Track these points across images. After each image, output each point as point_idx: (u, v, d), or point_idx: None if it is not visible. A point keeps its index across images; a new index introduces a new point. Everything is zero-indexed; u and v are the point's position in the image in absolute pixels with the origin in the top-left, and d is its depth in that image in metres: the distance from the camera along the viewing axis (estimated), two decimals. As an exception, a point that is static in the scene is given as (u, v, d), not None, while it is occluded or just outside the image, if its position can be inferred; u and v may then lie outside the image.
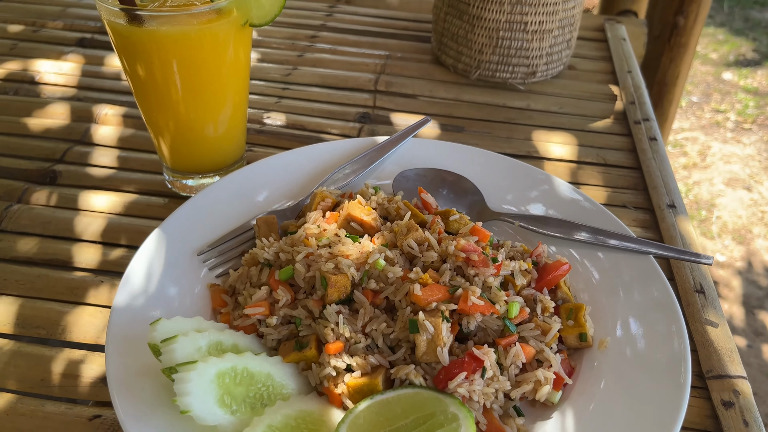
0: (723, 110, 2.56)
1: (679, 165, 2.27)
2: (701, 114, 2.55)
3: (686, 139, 2.40)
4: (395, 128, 0.71)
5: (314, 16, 0.94)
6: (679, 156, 2.32)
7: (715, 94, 2.67)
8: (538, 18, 0.73)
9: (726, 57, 2.94)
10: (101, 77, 0.77)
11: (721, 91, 2.69)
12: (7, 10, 0.91)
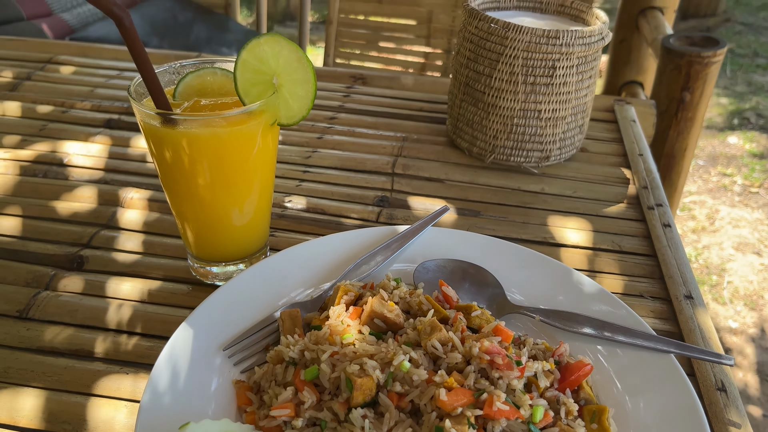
0: (729, 174, 2.59)
1: (687, 229, 2.28)
2: (708, 177, 2.57)
3: (694, 202, 2.42)
4: (413, 212, 0.72)
5: (333, 96, 0.97)
6: (688, 220, 2.32)
7: (721, 158, 2.70)
8: (551, 106, 0.76)
9: (730, 120, 2.98)
10: (127, 159, 0.80)
11: (726, 155, 2.72)
12: (37, 90, 0.94)
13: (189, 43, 1.62)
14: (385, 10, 1.87)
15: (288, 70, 0.53)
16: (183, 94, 0.57)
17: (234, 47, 1.68)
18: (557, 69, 0.73)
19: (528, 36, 0.71)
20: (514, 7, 0.85)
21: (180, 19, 1.67)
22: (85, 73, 1.00)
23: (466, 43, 0.78)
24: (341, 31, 1.90)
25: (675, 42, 1.26)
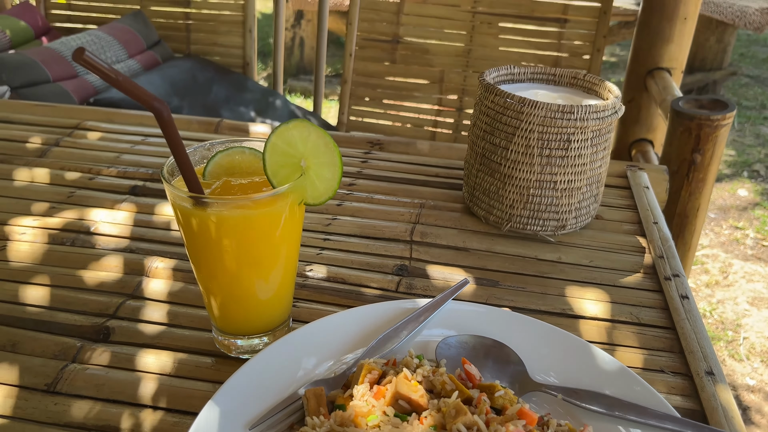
0: (741, 227, 2.58)
1: (701, 283, 2.27)
2: (720, 230, 2.57)
3: (706, 256, 2.41)
4: (432, 282, 0.73)
5: (351, 162, 1.00)
6: (701, 274, 2.31)
7: (732, 210, 2.70)
8: (566, 177, 0.78)
9: (740, 173, 3.00)
10: (152, 227, 0.82)
11: (737, 207, 2.72)
12: (65, 157, 0.98)
13: (208, 102, 1.67)
14: (398, 70, 1.92)
15: (315, 153, 0.55)
16: (212, 173, 0.59)
17: (251, 107, 1.73)
18: (572, 142, 0.75)
19: (543, 111, 0.74)
20: (528, 79, 0.88)
21: (200, 79, 1.72)
22: (111, 139, 1.04)
23: (482, 116, 0.80)
24: (355, 90, 1.95)
25: (684, 105, 1.29)
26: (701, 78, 3.65)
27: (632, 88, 1.71)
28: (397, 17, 1.89)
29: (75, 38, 1.65)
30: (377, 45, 1.92)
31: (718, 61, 3.65)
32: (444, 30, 1.87)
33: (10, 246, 0.77)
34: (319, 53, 1.95)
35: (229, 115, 1.65)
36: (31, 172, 0.93)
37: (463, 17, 1.86)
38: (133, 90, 0.43)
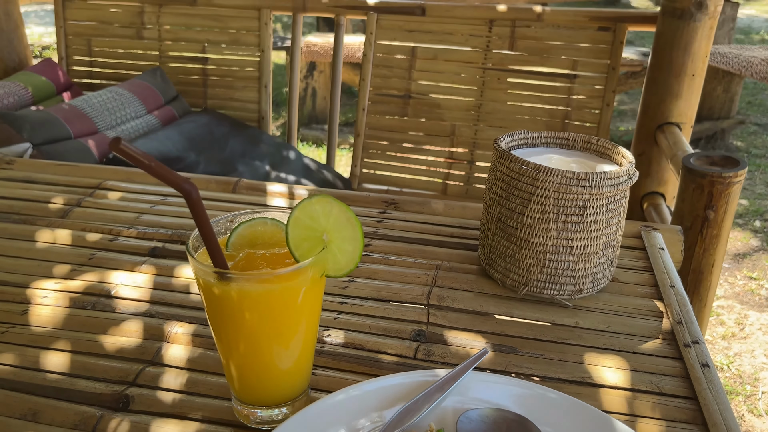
0: (756, 277, 2.56)
1: (717, 335, 2.24)
2: (734, 281, 2.55)
3: (722, 307, 2.38)
4: (450, 348, 0.73)
5: (367, 222, 1.01)
6: (717, 325, 2.28)
7: (745, 260, 2.68)
8: (583, 242, 0.78)
9: (751, 222, 2.99)
10: (172, 290, 0.83)
11: (751, 257, 2.71)
12: (86, 217, 0.99)
13: (224, 157, 1.70)
14: (410, 124, 1.96)
15: (337, 227, 0.56)
16: (235, 244, 0.61)
17: (266, 160, 1.76)
18: (587, 208, 0.76)
19: (558, 178, 0.75)
20: (542, 143, 0.89)
21: (216, 134, 1.75)
22: (131, 199, 1.06)
23: (497, 181, 0.82)
24: (367, 143, 1.98)
25: (695, 162, 1.30)
26: (709, 126, 3.68)
27: (642, 142, 1.73)
28: (409, 73, 1.93)
29: (96, 95, 1.70)
30: (389, 100, 1.96)
31: (725, 110, 3.68)
32: (455, 85, 1.91)
33: (32, 310, 0.78)
34: (332, 112, 1.99)
35: (245, 169, 1.68)
36: (53, 234, 0.94)
37: (474, 73, 1.90)
38: (165, 174, 0.45)
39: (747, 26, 6.76)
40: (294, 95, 2.00)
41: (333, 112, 2.01)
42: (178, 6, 1.99)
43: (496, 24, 1.86)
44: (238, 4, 1.96)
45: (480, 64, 1.89)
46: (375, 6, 1.91)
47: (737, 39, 5.95)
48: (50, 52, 5.33)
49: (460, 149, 1.94)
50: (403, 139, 1.98)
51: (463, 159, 1.95)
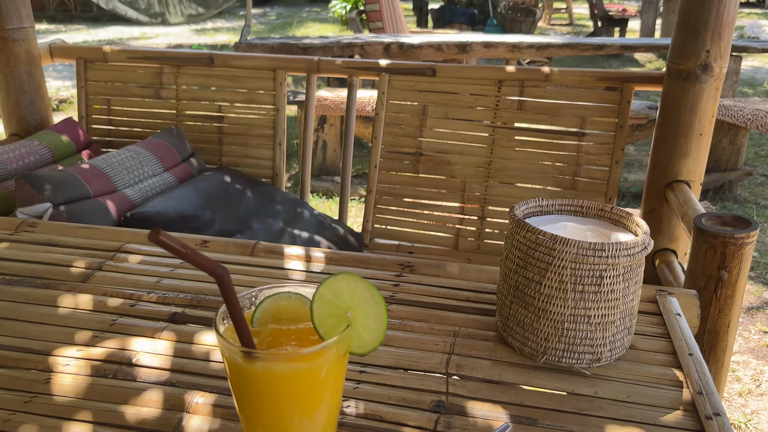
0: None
1: (733, 392, 2.20)
2: (748, 335, 2.52)
3: (737, 363, 2.35)
4: (470, 420, 0.73)
5: (384, 287, 1.02)
6: (733, 382, 2.25)
7: (759, 314, 2.66)
8: (600, 312, 0.79)
9: (764, 275, 2.97)
10: (192, 357, 0.83)
11: (765, 311, 2.68)
12: (108, 281, 1.01)
13: (239, 214, 1.72)
14: (421, 180, 1.98)
15: (362, 305, 0.58)
16: (260, 320, 0.62)
17: (280, 218, 1.78)
18: (604, 278, 0.77)
19: (575, 248, 0.76)
20: (557, 211, 0.91)
21: (231, 191, 1.79)
22: (151, 262, 1.07)
23: (514, 250, 0.83)
24: (379, 199, 2.00)
25: (707, 222, 1.31)
26: (717, 178, 3.70)
27: (652, 199, 1.74)
28: (420, 131, 1.97)
29: (115, 154, 1.74)
30: (401, 157, 1.99)
31: (732, 161, 3.71)
32: (465, 143, 1.95)
33: (55, 378, 0.79)
34: (344, 170, 2.03)
35: (260, 226, 1.70)
36: (75, 299, 0.96)
37: (484, 130, 1.94)
38: (200, 260, 0.46)
39: (750, 77, 6.86)
40: (307, 153, 2.05)
41: (345, 170, 2.05)
42: (196, 67, 2.05)
43: (504, 84, 1.90)
44: (254, 65, 2.02)
45: (490, 123, 1.93)
46: (387, 67, 1.96)
47: (741, 91, 6.03)
48: (67, 106, 5.46)
49: (471, 205, 1.96)
50: (414, 194, 2.00)
51: (473, 215, 1.96)
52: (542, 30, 10.33)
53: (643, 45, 4.47)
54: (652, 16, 8.12)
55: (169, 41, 9.75)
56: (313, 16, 12.62)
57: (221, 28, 11.27)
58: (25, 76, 1.99)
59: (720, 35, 1.56)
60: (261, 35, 10.25)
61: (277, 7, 14.43)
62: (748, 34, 9.14)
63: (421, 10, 8.39)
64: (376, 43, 4.58)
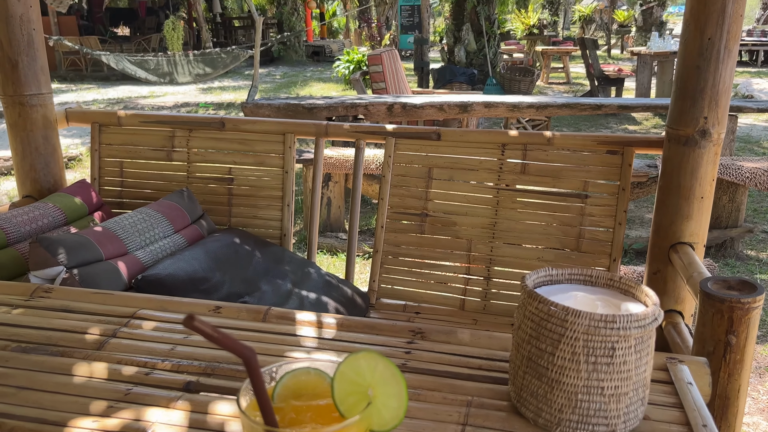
0: (781, 393, 2.50)
1: (747, 456, 2.16)
2: (758, 396, 2.49)
3: (747, 425, 2.32)
4: (486, 495, 0.73)
5: (395, 354, 1.03)
6: (746, 445, 2.21)
7: (766, 374, 2.63)
8: (613, 383, 0.80)
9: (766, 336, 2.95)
10: (207, 428, 0.84)
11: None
12: (122, 349, 1.02)
13: (248, 275, 1.74)
14: (427, 240, 2.01)
15: (382, 383, 0.59)
16: (281, 395, 0.63)
17: (288, 278, 1.80)
18: (617, 350, 0.78)
19: (587, 320, 0.78)
20: (566, 280, 0.93)
21: (241, 252, 1.81)
22: (164, 329, 1.09)
23: (527, 321, 0.84)
24: (385, 259, 2.02)
25: (713, 286, 1.33)
26: (718, 235, 3.73)
27: (656, 261, 1.76)
28: (426, 193, 2.01)
29: (127, 217, 1.77)
30: (407, 217, 2.02)
31: (733, 218, 3.74)
32: (470, 204, 1.98)
33: (71, 451, 0.79)
34: (351, 232, 2.05)
35: (268, 287, 1.71)
36: (90, 367, 0.97)
37: (488, 192, 1.98)
38: (229, 343, 0.48)
39: (746, 134, 6.99)
40: (315, 215, 2.08)
41: (352, 231, 2.07)
42: (207, 131, 2.11)
43: (508, 148, 1.95)
44: (264, 129, 2.08)
45: (494, 185, 1.97)
46: (393, 131, 2.02)
47: (738, 147, 6.13)
48: (76, 163, 5.56)
49: (477, 265, 1.98)
50: (420, 255, 2.02)
51: (479, 275, 1.98)
52: (540, 88, 10.57)
53: (640, 105, 4.58)
54: (647, 75, 8.33)
55: (177, 99, 9.98)
56: (317, 75, 12.96)
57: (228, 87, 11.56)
58: (41, 140, 2.05)
59: (717, 102, 1.61)
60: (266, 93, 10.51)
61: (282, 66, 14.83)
62: (742, 92, 9.36)
63: (423, 70, 8.62)
64: (379, 103, 4.69)
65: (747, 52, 14.52)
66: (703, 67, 1.58)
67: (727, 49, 1.56)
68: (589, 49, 8.43)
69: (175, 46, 11.81)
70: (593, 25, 19.38)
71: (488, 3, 9.31)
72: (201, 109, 9.06)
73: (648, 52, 8.19)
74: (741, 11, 1.56)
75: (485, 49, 9.38)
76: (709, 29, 1.56)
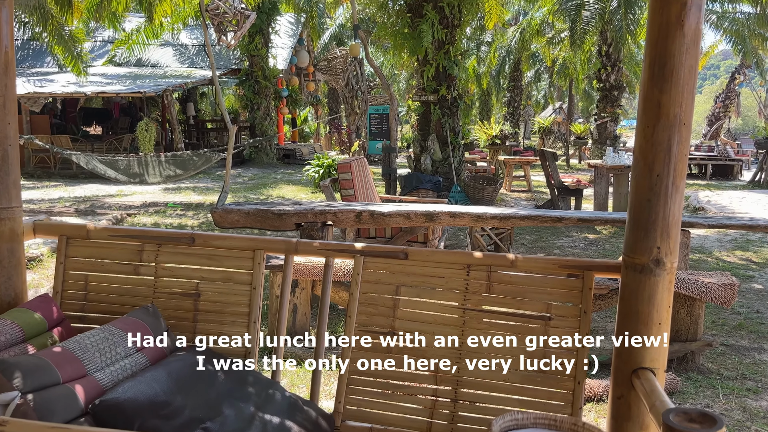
0: None
1: None
2: None
3: None
4: None
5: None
6: None
7: (736, 497, 2.60)
8: None
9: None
10: None
11: (742, 494, 2.63)
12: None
13: (210, 398, 1.70)
14: (394, 360, 2.00)
15: None
16: None
17: (252, 401, 1.76)
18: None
19: (552, 471, 0.79)
20: (532, 424, 0.94)
21: (203, 373, 1.77)
22: (123, 469, 1.05)
23: (493, 468, 0.85)
24: (351, 380, 2.00)
25: (674, 418, 1.35)
26: (679, 348, 3.79)
27: (620, 386, 1.78)
28: (393, 311, 2.03)
29: (88, 336, 1.74)
30: (374, 336, 2.03)
31: (692, 331, 3.82)
32: (437, 324, 2.00)
33: None
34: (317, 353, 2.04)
35: (230, 411, 1.67)
36: None
37: (455, 312, 2.01)
38: None
39: (700, 245, 7.27)
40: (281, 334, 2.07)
41: (319, 351, 2.06)
42: (177, 245, 2.13)
43: (473, 268, 2.01)
44: (234, 245, 2.11)
45: (460, 305, 2.00)
46: (362, 250, 2.06)
47: (693, 259, 6.36)
48: (35, 264, 5.43)
49: (444, 387, 1.97)
50: (387, 375, 2.01)
51: (446, 397, 1.97)
52: (503, 195, 10.94)
53: (598, 219, 4.77)
54: (604, 186, 8.73)
55: (145, 199, 9.99)
56: (287, 177, 13.20)
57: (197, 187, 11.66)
58: (5, 252, 2.03)
59: (668, 234, 1.71)
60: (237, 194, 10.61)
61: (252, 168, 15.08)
62: (694, 204, 9.84)
63: (390, 177, 8.87)
64: (348, 210, 4.79)
65: (696, 166, 15.40)
66: (654, 201, 1.69)
67: (675, 185, 1.68)
68: (549, 160, 8.84)
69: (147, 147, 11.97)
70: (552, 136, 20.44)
71: (452, 115, 9.80)
72: (169, 209, 9.07)
73: (604, 165, 8.62)
74: (685, 151, 1.69)
75: (450, 158, 9.76)
76: (657, 166, 1.68)
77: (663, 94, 1.65)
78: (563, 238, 7.57)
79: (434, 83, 9.59)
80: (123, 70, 15.85)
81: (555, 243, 7.30)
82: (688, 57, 1.62)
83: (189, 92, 18.34)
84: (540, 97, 31.46)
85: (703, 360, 3.91)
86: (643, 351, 1.73)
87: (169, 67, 16.55)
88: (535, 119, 23.43)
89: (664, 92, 1.65)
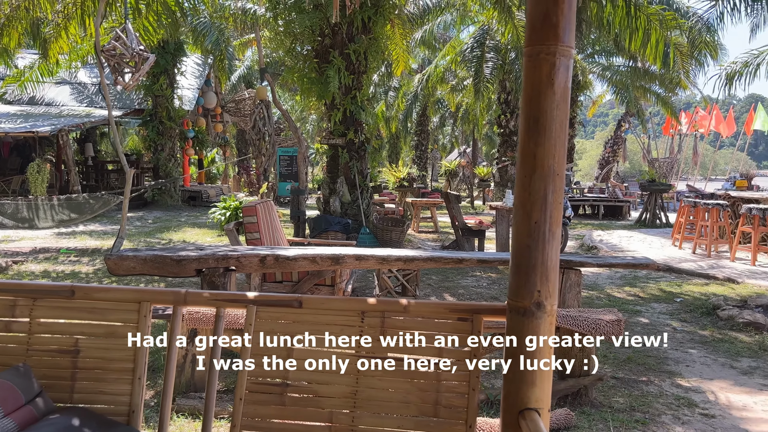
0: None
1: None
2: None
3: None
4: None
5: None
6: None
7: None
8: None
9: (625, 484, 3.06)
10: None
11: None
12: None
13: (85, 465, 1.58)
14: (288, 412, 1.96)
15: None
16: None
17: (132, 465, 1.65)
18: None
19: None
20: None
21: (79, 437, 1.66)
22: None
23: None
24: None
25: (553, 458, 1.40)
26: (573, 384, 3.95)
27: (508, 427, 1.83)
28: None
29: (-54, 402, 1.58)
30: (267, 388, 1.98)
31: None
32: (331, 373, 1.98)
33: None
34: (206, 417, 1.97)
35: (107, 478, 1.56)
36: None
37: (350, 359, 2.00)
38: None
39: (593, 282, 7.69)
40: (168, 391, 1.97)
41: (208, 413, 1.98)
42: (54, 299, 2.00)
43: (367, 315, 2.02)
44: (117, 297, 2.01)
45: (355, 352, 2.00)
46: (254, 299, 2.03)
47: (586, 296, 6.70)
48: None
49: (339, 437, 1.95)
50: (281, 428, 1.96)
51: (341, 447, 1.94)
52: (411, 237, 11.13)
53: (497, 260, 4.94)
54: (505, 227, 9.09)
55: (35, 245, 9.34)
56: (192, 220, 12.80)
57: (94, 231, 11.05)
58: None
59: (547, 278, 1.80)
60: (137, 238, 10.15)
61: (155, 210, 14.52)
62: (588, 243, 10.42)
63: (299, 219, 8.82)
64: (252, 255, 4.69)
65: (590, 206, 16.38)
66: (533, 247, 1.78)
67: (551, 231, 1.78)
68: (453, 203, 9.12)
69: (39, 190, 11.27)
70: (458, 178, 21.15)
71: (360, 159, 9.94)
72: (62, 255, 8.53)
73: (504, 206, 9.00)
74: (559, 200, 1.80)
75: (359, 200, 9.86)
76: (534, 214, 1.78)
77: (538, 147, 1.76)
78: (468, 278, 7.78)
79: (342, 127, 9.72)
80: (14, 108, 14.97)
81: (460, 283, 7.48)
82: (559, 112, 1.74)
83: (88, 132, 17.55)
84: (446, 141, 32.63)
85: (595, 394, 4.09)
86: (529, 392, 1.79)
87: (65, 106, 15.81)
88: (442, 162, 24.20)
89: (539, 145, 1.76)
